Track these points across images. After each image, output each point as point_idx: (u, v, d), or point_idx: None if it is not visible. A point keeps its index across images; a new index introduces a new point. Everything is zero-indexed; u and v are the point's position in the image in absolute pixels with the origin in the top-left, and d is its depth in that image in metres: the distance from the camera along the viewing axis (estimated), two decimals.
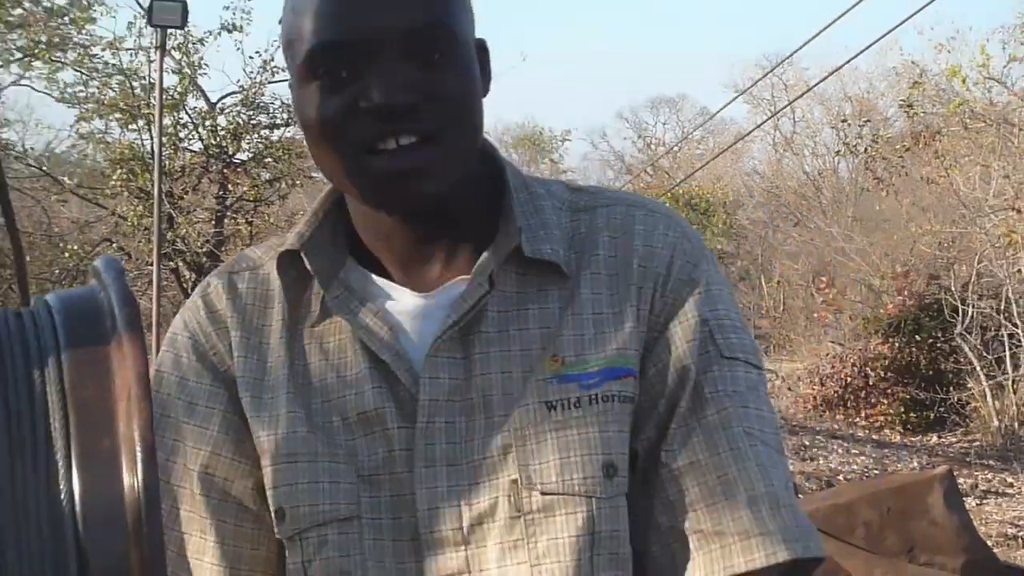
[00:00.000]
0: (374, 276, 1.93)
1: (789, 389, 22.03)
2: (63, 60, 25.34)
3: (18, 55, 23.81)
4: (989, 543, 12.20)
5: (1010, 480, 17.75)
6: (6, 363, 1.19)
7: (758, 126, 26.08)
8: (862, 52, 23.04)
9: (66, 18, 27.14)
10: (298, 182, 23.87)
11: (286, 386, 1.90)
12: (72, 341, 1.20)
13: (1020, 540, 14.83)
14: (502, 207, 1.93)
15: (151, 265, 14.64)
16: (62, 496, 1.13)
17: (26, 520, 1.13)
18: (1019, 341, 18.10)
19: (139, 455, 1.14)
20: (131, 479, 1.15)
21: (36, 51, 26.46)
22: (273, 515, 1.88)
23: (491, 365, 1.86)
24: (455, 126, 1.82)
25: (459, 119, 1.82)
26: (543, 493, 1.83)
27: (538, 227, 1.92)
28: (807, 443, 19.52)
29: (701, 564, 1.84)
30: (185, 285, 21.20)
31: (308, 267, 1.90)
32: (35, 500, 1.13)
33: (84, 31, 26.13)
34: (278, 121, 22.99)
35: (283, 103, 22.86)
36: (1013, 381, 19.29)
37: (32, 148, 25.31)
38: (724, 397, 1.90)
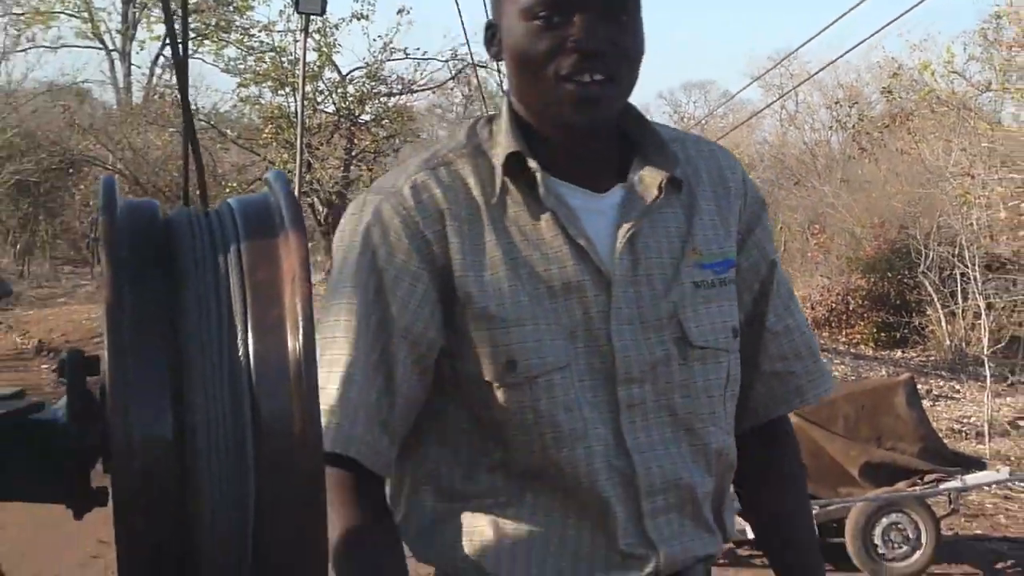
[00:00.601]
0: (554, 178, 2.01)
1: None
2: (228, 40, 25.45)
3: (192, 35, 23.90)
4: (940, 435, 12.14)
5: (957, 387, 17.66)
6: (198, 251, 1.20)
7: (768, 106, 25.89)
8: (852, 49, 22.93)
9: (230, 6, 27.24)
10: (408, 139, 23.95)
11: (504, 263, 1.97)
12: (249, 234, 1.20)
13: (963, 434, 14.79)
14: (645, 136, 2.10)
15: None
16: (240, 354, 1.13)
17: (212, 372, 1.13)
18: (968, 279, 17.96)
19: (301, 324, 1.14)
20: (294, 342, 1.15)
21: (207, 32, 26.60)
22: (503, 366, 1.94)
23: (650, 253, 2.03)
24: (628, 72, 1.97)
25: (631, 68, 1.97)
26: (699, 347, 2.05)
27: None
28: None
29: (794, 392, 2.27)
30: (318, 217, 21.28)
31: (532, 165, 1.97)
32: (219, 356, 1.13)
33: (245, 16, 26.24)
34: (394, 91, 22.98)
35: (399, 76, 22.86)
36: (963, 310, 19.19)
37: (203, 107, 25.48)
38: (785, 282, 2.28)
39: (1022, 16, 18.46)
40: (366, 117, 22.56)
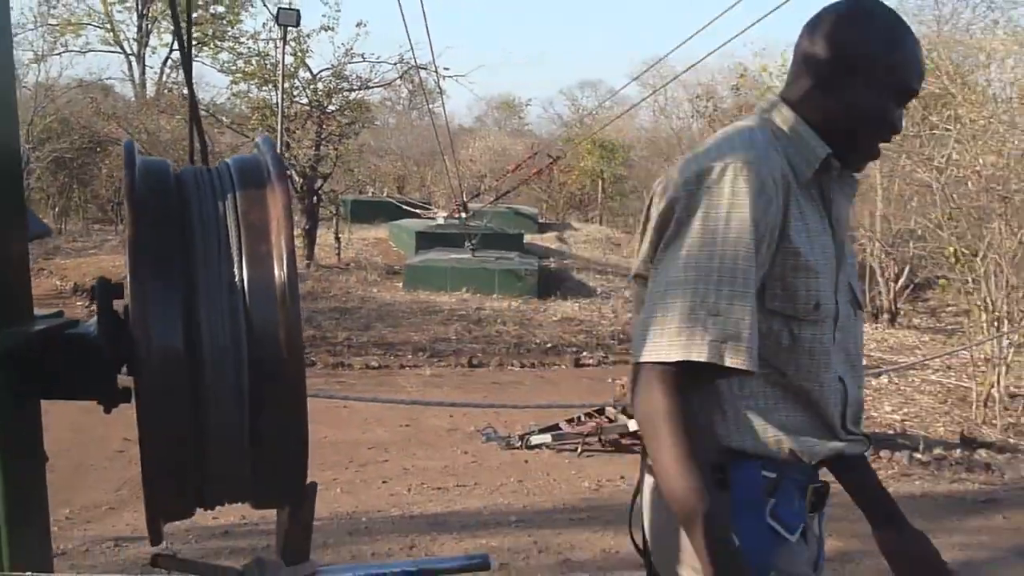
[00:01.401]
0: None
1: None
2: (222, 46, 25.11)
3: (193, 42, 23.54)
4: None
5: None
6: (203, 199, 1.18)
7: (643, 100, 25.87)
8: (708, 56, 22.80)
9: (224, 20, 27.00)
10: (365, 125, 23.83)
11: (821, 232, 2.04)
12: (243, 185, 1.18)
13: None
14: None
15: None
16: (236, 279, 1.12)
17: (215, 293, 1.11)
18: None
19: (284, 256, 1.13)
20: (279, 271, 1.14)
21: (206, 40, 26.24)
22: (811, 307, 1.99)
23: (843, 233, 2.14)
24: None
25: None
26: (861, 308, 2.21)
27: None
28: None
29: None
30: (295, 185, 21.05)
31: (835, 164, 2.08)
32: (220, 281, 1.12)
33: (235, 28, 25.98)
34: (354, 87, 22.76)
35: (357, 76, 22.66)
36: None
37: (202, 99, 25.24)
38: None
39: None
40: (332, 108, 22.29)
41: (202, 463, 1.11)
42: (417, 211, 25.24)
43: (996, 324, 12.38)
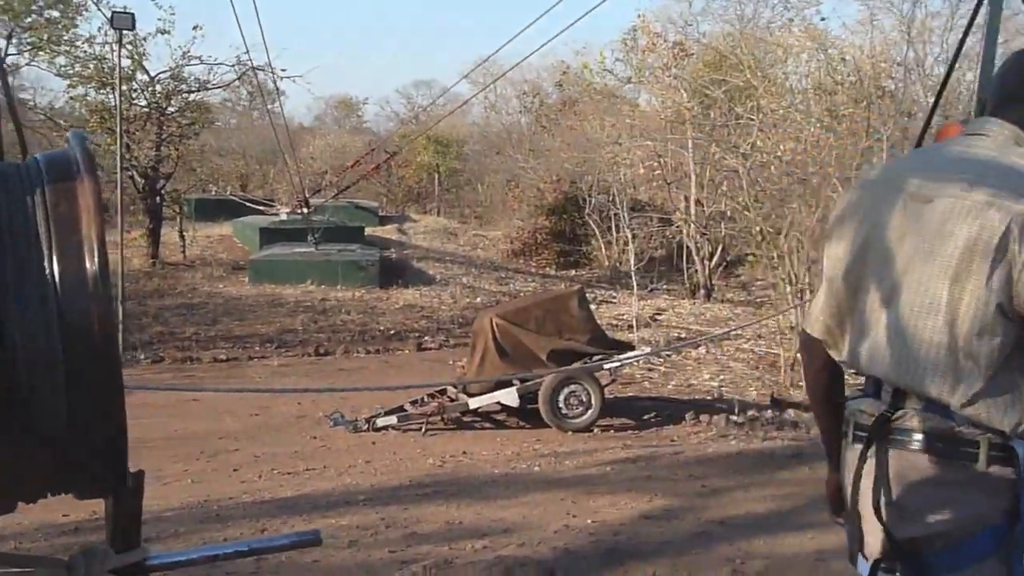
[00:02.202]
0: None
1: (494, 245, 22.18)
2: (58, 50, 23.98)
3: (29, 47, 22.26)
4: (603, 328, 12.53)
5: (614, 295, 18.28)
6: (13, 192, 1.12)
7: (472, 96, 25.82)
8: (532, 54, 22.97)
9: (59, 25, 25.78)
10: (205, 126, 23.15)
11: None
12: (52, 178, 1.13)
13: (619, 327, 15.32)
14: None
15: (116, 173, 13.97)
16: (46, 271, 1.07)
17: (26, 284, 1.06)
18: (620, 218, 18.56)
19: (95, 247, 1.08)
20: (91, 262, 1.09)
21: (41, 44, 24.98)
22: None
23: None
24: None
25: None
26: None
27: None
28: (503, 275, 19.77)
29: None
30: (137, 186, 20.29)
31: None
32: (31, 272, 1.07)
33: (71, 32, 24.84)
34: (193, 88, 22.07)
35: (196, 78, 21.98)
36: (616, 240, 19.82)
37: (40, 104, 24.05)
38: None
39: (652, 29, 19.03)
40: (172, 109, 21.56)
41: (17, 456, 1.06)
42: (260, 208, 24.68)
43: (800, 295, 12.92)
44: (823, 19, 23.48)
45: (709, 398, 11.42)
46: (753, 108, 15.58)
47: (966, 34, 7.03)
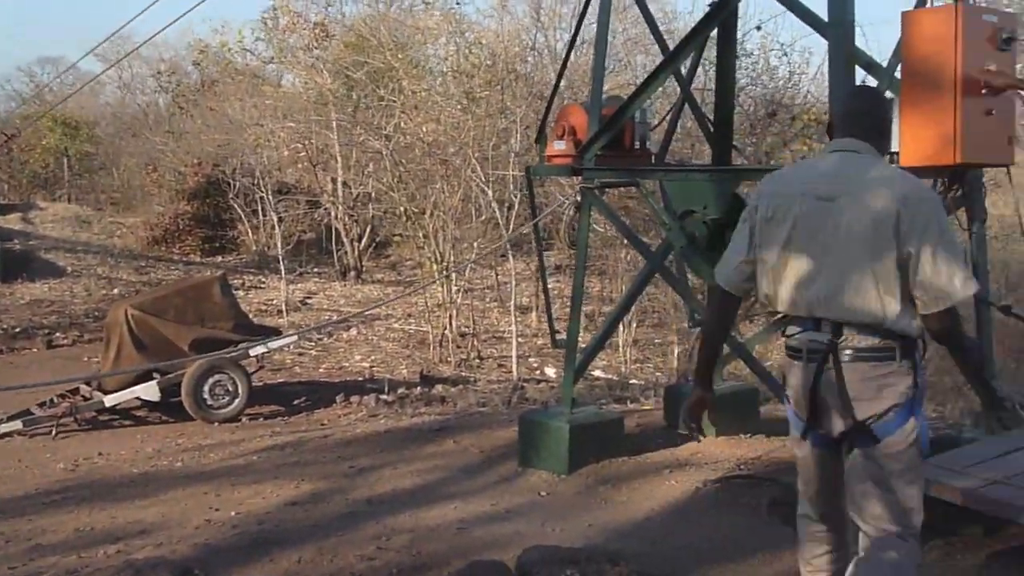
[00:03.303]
0: None
1: (132, 232, 21.05)
2: None
3: None
4: (250, 315, 12.25)
5: (263, 279, 17.91)
6: None
7: (102, 72, 23.81)
8: (164, 29, 21.92)
9: None
10: None
11: None
12: None
13: (269, 312, 15.04)
14: None
15: None
16: None
17: None
18: (265, 203, 18.20)
19: None
20: None
21: None
22: None
23: None
24: None
25: None
26: None
27: None
28: (143, 264, 18.79)
29: None
30: None
31: None
32: None
33: None
34: None
35: None
36: (263, 224, 19.44)
37: None
38: None
39: (292, 9, 18.71)
40: None
41: None
42: None
43: (446, 271, 13.26)
44: (458, 3, 24.07)
45: (360, 379, 11.47)
46: (395, 90, 15.74)
47: (580, 21, 7.49)
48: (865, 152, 3.22)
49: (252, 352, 9.74)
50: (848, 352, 3.13)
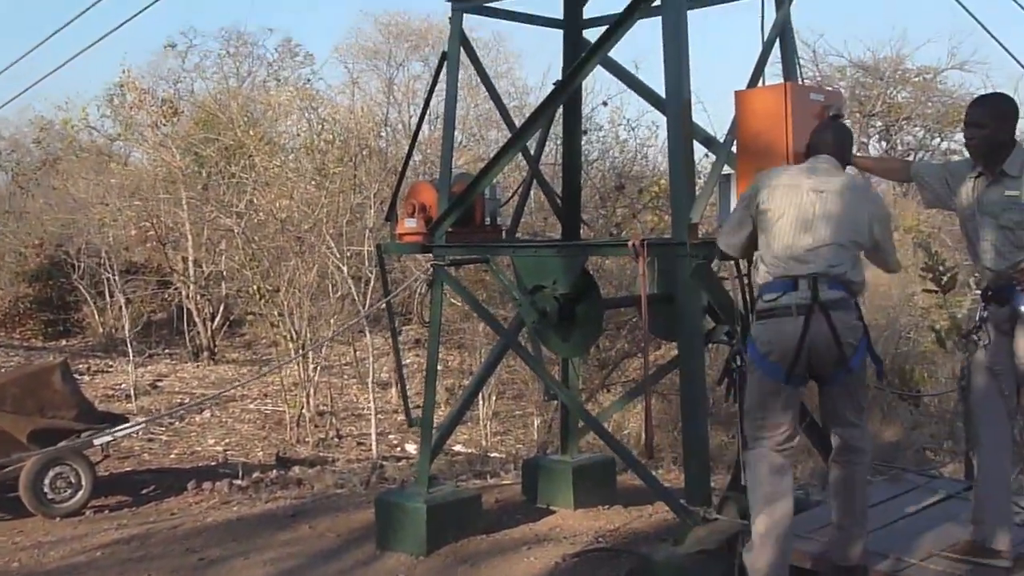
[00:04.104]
0: None
1: None
2: None
3: None
4: (96, 401, 11.80)
5: (111, 363, 17.25)
6: None
7: None
8: (4, 106, 21.20)
9: None
10: None
11: None
12: None
13: (116, 397, 14.49)
14: None
15: None
16: None
17: None
18: (112, 283, 17.63)
19: None
20: None
21: None
22: None
23: None
24: None
25: None
26: None
27: None
28: None
29: None
30: None
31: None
32: None
33: None
34: None
35: None
36: (110, 305, 18.77)
37: None
38: None
39: (138, 86, 18.36)
40: None
41: None
42: None
43: (302, 351, 13.03)
44: (308, 80, 24.10)
45: (213, 464, 11.10)
46: (247, 167, 15.55)
47: (429, 98, 7.57)
48: (833, 165, 4.59)
49: (97, 441, 9.32)
50: (827, 304, 4.29)
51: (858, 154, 5.68)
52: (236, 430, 13.11)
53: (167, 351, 18.42)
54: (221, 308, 18.05)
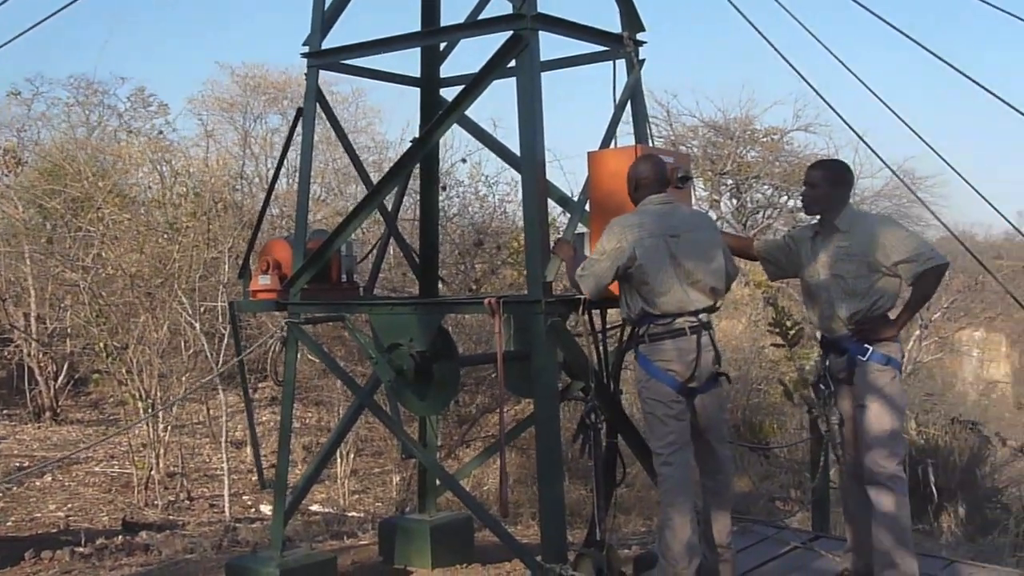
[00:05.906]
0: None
1: None
2: None
3: None
4: None
5: None
6: None
7: None
8: None
9: None
10: None
11: None
12: None
13: None
14: None
15: None
16: None
17: None
18: None
19: None
20: None
21: None
22: None
23: None
24: None
25: None
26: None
27: None
28: None
29: None
30: None
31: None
32: None
33: None
34: None
35: None
36: None
37: None
38: None
39: None
40: None
41: None
42: None
43: (152, 410, 12.61)
44: (161, 132, 23.54)
45: (54, 531, 10.59)
46: (95, 220, 15.06)
47: (284, 152, 7.52)
48: (675, 201, 5.19)
49: None
50: (705, 327, 4.98)
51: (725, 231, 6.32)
52: (80, 494, 12.55)
53: (5, 411, 17.52)
54: (65, 366, 17.30)
